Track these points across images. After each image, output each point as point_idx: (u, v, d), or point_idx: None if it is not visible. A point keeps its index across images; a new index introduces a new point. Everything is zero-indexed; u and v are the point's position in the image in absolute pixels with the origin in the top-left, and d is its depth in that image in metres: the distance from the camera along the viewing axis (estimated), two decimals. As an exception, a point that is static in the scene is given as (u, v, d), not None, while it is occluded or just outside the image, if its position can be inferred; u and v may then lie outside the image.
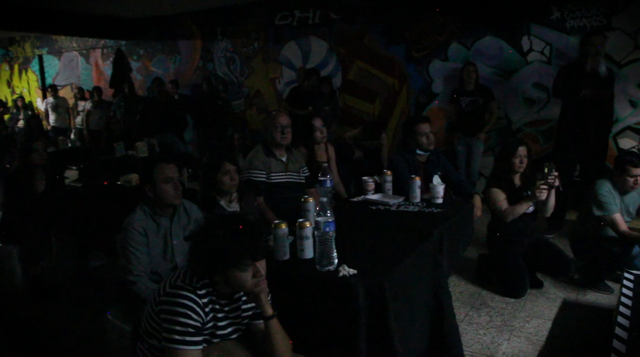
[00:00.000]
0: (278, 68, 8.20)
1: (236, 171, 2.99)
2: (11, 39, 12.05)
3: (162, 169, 2.57)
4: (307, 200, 2.77)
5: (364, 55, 7.37)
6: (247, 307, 1.95)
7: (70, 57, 11.18)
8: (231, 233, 1.75)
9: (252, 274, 1.77)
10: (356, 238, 2.63)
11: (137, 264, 2.51)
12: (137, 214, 2.60)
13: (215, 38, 8.76)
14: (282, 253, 2.29)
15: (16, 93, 12.36)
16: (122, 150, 6.61)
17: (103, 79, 10.44)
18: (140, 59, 9.90)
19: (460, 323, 3.18)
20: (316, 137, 4.10)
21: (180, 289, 1.76)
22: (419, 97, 7.02)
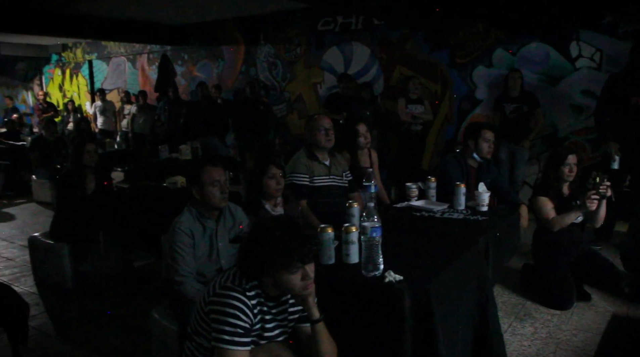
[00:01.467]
0: (320, 73, 8.25)
1: (282, 175, 3.01)
2: (64, 46, 12.53)
3: (210, 172, 2.61)
4: (352, 205, 2.77)
5: (407, 61, 7.33)
6: (294, 310, 1.97)
7: (118, 62, 11.54)
8: (282, 236, 1.77)
9: (301, 276, 1.79)
10: (401, 244, 2.61)
11: (183, 265, 2.56)
12: (184, 216, 2.65)
13: (258, 43, 8.89)
14: (328, 257, 2.30)
15: (67, 97, 12.82)
16: (166, 153, 6.76)
17: (148, 83, 10.73)
18: (185, 64, 10.12)
19: (504, 334, 3.11)
20: (360, 142, 4.09)
21: (230, 290, 1.79)
22: (462, 103, 6.93)
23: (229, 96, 9.08)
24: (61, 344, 3.41)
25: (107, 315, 3.78)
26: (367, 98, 7.15)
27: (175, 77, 9.88)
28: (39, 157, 7.47)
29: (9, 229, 6.31)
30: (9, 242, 5.73)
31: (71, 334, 3.54)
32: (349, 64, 7.89)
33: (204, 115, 7.82)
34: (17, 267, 4.89)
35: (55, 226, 4.30)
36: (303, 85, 8.49)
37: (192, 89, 9.85)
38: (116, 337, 3.44)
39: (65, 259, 4.17)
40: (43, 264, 4.42)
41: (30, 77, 13.84)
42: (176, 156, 6.63)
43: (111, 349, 3.30)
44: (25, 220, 6.74)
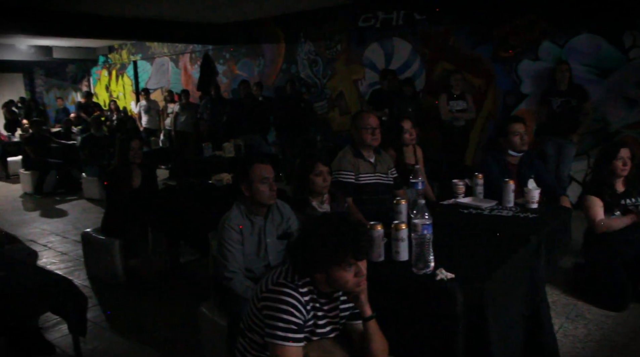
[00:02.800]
0: (361, 70, 8.21)
1: (329, 173, 3.02)
2: (110, 47, 12.90)
3: (259, 169, 2.63)
4: (400, 202, 2.75)
5: (449, 55, 7.22)
6: (346, 307, 1.96)
7: (162, 62, 11.79)
8: (335, 231, 1.76)
9: (353, 273, 1.78)
10: (450, 242, 2.58)
11: (232, 261, 2.60)
12: (233, 212, 2.68)
13: (299, 41, 8.92)
14: (377, 255, 2.29)
15: (113, 97, 13.21)
16: (210, 150, 6.87)
17: (191, 82, 10.92)
18: (226, 62, 10.26)
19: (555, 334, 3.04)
20: (405, 139, 4.05)
21: (283, 287, 1.79)
22: (506, 98, 6.78)
23: (270, 94, 9.15)
24: (114, 335, 3.52)
25: (156, 308, 3.88)
26: (409, 94, 7.08)
27: (217, 76, 10.02)
28: (88, 155, 7.71)
29: (62, 224, 6.55)
30: (63, 237, 5.94)
31: (123, 326, 3.65)
32: (390, 60, 7.83)
33: (246, 113, 7.91)
34: (71, 262, 5.07)
35: (106, 221, 4.43)
36: (344, 82, 8.47)
37: (233, 87, 9.97)
38: (166, 330, 3.53)
39: (116, 254, 4.30)
40: (95, 259, 4.57)
41: (79, 79, 14.31)
42: (219, 154, 6.73)
43: (161, 341, 3.39)
44: (77, 216, 6.98)
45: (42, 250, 5.48)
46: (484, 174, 3.59)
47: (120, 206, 4.35)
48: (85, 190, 7.99)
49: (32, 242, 5.71)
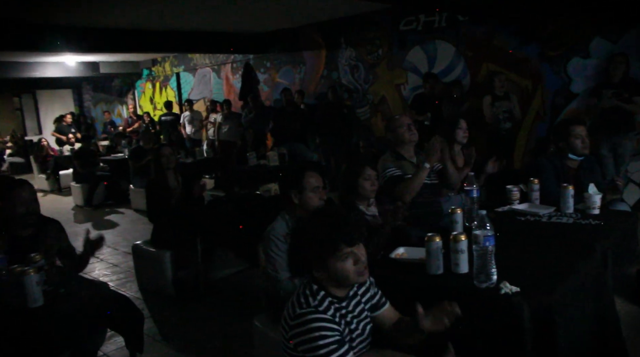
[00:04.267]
0: (403, 74, 8.11)
1: (376, 177, 2.97)
2: (154, 60, 13.22)
3: (311, 178, 2.63)
4: (455, 211, 2.67)
5: (494, 56, 7.04)
6: (367, 298, 1.95)
7: (204, 72, 11.98)
8: (322, 222, 1.76)
9: (352, 262, 1.75)
10: (509, 251, 2.46)
11: (280, 270, 2.57)
12: (278, 223, 2.67)
13: (340, 47, 8.89)
14: (436, 267, 2.21)
15: (157, 108, 13.52)
16: (255, 159, 6.90)
17: (233, 91, 11.04)
18: (267, 71, 10.33)
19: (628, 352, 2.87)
20: (457, 135, 3.93)
21: (303, 316, 1.74)
22: (556, 98, 6.55)
23: (312, 101, 9.15)
24: (166, 347, 3.54)
25: (207, 320, 3.89)
26: (457, 96, 6.95)
27: (258, 85, 10.10)
28: (137, 167, 7.86)
29: (113, 236, 6.70)
30: (113, 249, 6.07)
31: (174, 338, 3.68)
32: (433, 63, 7.70)
33: (289, 121, 7.92)
34: (122, 273, 5.17)
35: (156, 234, 4.49)
36: (386, 87, 8.38)
37: (275, 95, 10.03)
38: (219, 343, 3.53)
39: (166, 265, 4.34)
40: (146, 271, 4.64)
41: (124, 92, 14.71)
42: (264, 163, 6.75)
43: (214, 355, 3.39)
44: (126, 227, 7.13)
45: (94, 262, 5.60)
46: (538, 178, 3.45)
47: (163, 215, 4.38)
48: (133, 201, 8.16)
49: (85, 254, 5.84)
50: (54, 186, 10.45)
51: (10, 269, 2.39)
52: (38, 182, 10.68)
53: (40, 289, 2.36)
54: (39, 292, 2.35)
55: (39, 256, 2.52)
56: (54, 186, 10.45)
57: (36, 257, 2.50)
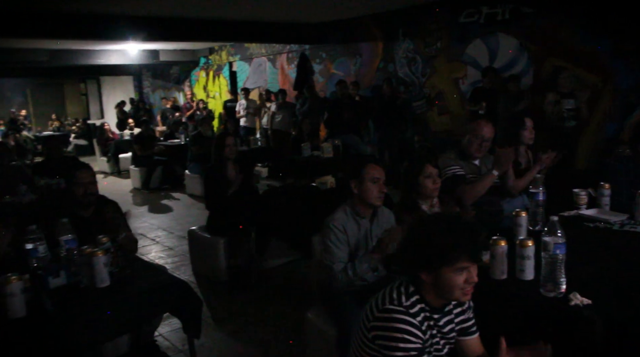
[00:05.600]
0: (462, 68, 7.91)
1: (438, 174, 2.90)
2: (211, 49, 13.44)
3: (372, 169, 2.63)
4: (519, 213, 2.58)
5: (560, 51, 6.75)
6: (460, 320, 1.85)
7: (259, 62, 12.09)
8: (451, 228, 1.66)
9: (464, 278, 1.66)
10: (577, 259, 2.35)
11: (336, 261, 2.57)
12: (338, 213, 2.67)
13: (397, 39, 8.75)
14: (500, 272, 2.14)
15: (210, 97, 13.76)
16: (309, 150, 6.91)
17: (288, 81, 11.09)
18: (323, 61, 10.30)
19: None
20: (524, 136, 3.76)
21: (391, 313, 1.68)
22: (629, 96, 6.20)
23: (367, 93, 9.07)
24: (218, 332, 3.62)
25: (258, 309, 3.93)
26: (514, 91, 6.72)
27: (313, 75, 10.09)
28: (198, 153, 8.00)
29: (168, 219, 6.89)
30: (169, 233, 6.24)
31: (226, 324, 3.74)
32: (494, 57, 7.47)
33: (344, 113, 7.89)
34: (177, 257, 5.30)
35: (212, 220, 4.57)
36: (444, 81, 8.20)
37: (330, 86, 10.00)
38: (270, 333, 3.57)
39: (220, 252, 4.42)
40: (200, 256, 4.74)
41: (182, 80, 15.04)
42: (318, 154, 6.76)
43: (265, 344, 3.43)
44: (181, 212, 7.31)
45: (150, 244, 5.78)
46: (609, 182, 3.29)
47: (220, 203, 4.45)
48: (188, 186, 8.36)
49: (142, 236, 6.04)
50: (114, 168, 10.84)
51: (81, 250, 2.49)
52: (99, 165, 11.12)
53: (107, 270, 2.45)
54: (106, 273, 2.44)
55: (106, 238, 2.61)
56: (114, 168, 10.84)
57: (103, 240, 2.60)
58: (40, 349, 2.11)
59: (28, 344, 2.09)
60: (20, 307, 2.19)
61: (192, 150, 8.12)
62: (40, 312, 2.22)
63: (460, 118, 7.83)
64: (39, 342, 2.11)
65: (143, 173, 8.90)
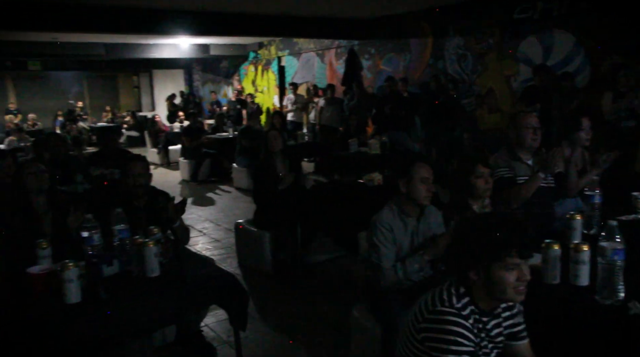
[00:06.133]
0: (514, 65, 7.71)
1: (490, 174, 2.84)
2: (260, 44, 13.58)
3: (421, 168, 2.61)
4: (574, 216, 2.50)
5: (620, 48, 6.47)
6: (509, 324, 1.79)
7: (308, 57, 12.12)
8: (499, 223, 1.62)
9: (516, 276, 1.61)
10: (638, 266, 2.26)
11: (383, 259, 2.56)
12: (385, 212, 2.66)
13: (447, 35, 8.61)
14: (553, 276, 2.08)
15: (259, 91, 13.92)
16: (356, 146, 6.89)
17: (336, 77, 11.08)
18: (372, 57, 10.24)
19: None
20: (580, 138, 3.59)
21: (442, 314, 1.65)
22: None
23: (416, 90, 8.96)
24: (262, 325, 3.66)
25: (302, 303, 3.96)
26: (567, 89, 6.49)
27: (362, 71, 10.05)
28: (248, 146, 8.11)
29: (215, 212, 7.01)
30: (216, 225, 6.35)
31: (272, 318, 3.78)
32: (549, 54, 7.24)
33: (391, 110, 7.83)
34: (223, 249, 5.39)
35: (259, 214, 4.62)
36: (494, 78, 8.01)
37: (378, 82, 9.93)
38: (313, 328, 3.58)
39: (266, 245, 4.47)
40: (246, 249, 4.81)
41: (231, 74, 15.28)
42: (365, 150, 6.73)
43: (309, 339, 3.45)
44: (228, 204, 7.44)
45: (197, 235, 5.90)
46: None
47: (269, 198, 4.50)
48: (236, 180, 8.48)
49: (190, 227, 6.15)
50: (164, 160, 11.12)
51: (133, 240, 2.56)
52: (150, 156, 11.42)
53: (157, 261, 2.52)
54: (156, 263, 2.51)
55: (157, 229, 2.69)
56: (164, 160, 11.12)
57: (154, 230, 2.67)
58: (93, 335, 2.19)
59: (83, 329, 2.17)
60: (76, 293, 2.28)
61: (241, 144, 8.21)
62: (94, 298, 2.30)
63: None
64: (93, 328, 2.19)
65: (191, 165, 9.09)
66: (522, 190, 3.09)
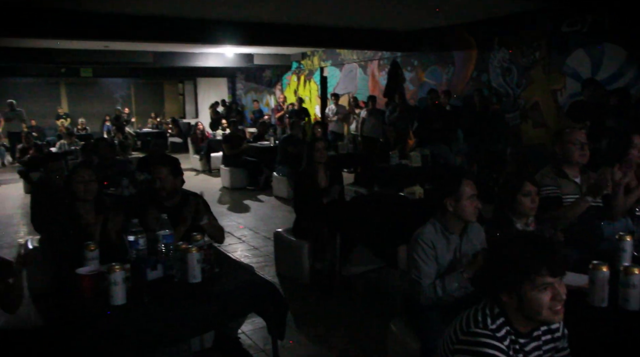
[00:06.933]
0: (561, 79, 7.54)
1: (537, 193, 2.78)
2: (303, 54, 13.73)
3: (468, 186, 2.58)
4: (624, 237, 2.42)
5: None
6: (548, 349, 1.74)
7: (350, 68, 12.17)
8: (528, 243, 1.59)
9: (550, 296, 1.56)
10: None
11: (423, 276, 2.54)
12: (427, 228, 2.64)
13: (492, 48, 8.50)
14: (600, 299, 2.02)
15: (302, 101, 14.05)
16: (397, 158, 6.86)
17: (378, 88, 11.07)
18: (414, 69, 10.20)
19: None
20: (632, 156, 3.46)
21: (476, 336, 1.61)
22: None
23: (458, 103, 8.87)
24: (299, 334, 3.66)
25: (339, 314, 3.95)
26: (615, 105, 6.29)
27: (404, 83, 10.01)
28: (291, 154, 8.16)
29: (254, 220, 7.08)
30: (255, 232, 6.42)
31: (306, 327, 3.78)
32: (598, 68, 7.05)
33: (433, 122, 7.77)
34: (262, 257, 5.44)
35: (298, 223, 4.65)
36: (540, 92, 7.85)
37: (420, 94, 9.88)
38: (349, 341, 3.57)
39: (304, 255, 4.49)
40: (284, 258, 4.83)
41: (273, 83, 15.48)
42: (406, 163, 6.69)
43: (343, 349, 3.44)
44: (267, 213, 7.50)
45: (236, 243, 5.98)
46: None
47: (310, 208, 4.52)
48: (275, 188, 8.55)
49: (229, 234, 6.25)
50: (206, 166, 11.32)
51: (177, 246, 2.62)
52: (192, 162, 11.67)
53: (199, 267, 2.56)
54: (198, 269, 2.56)
55: (200, 236, 2.74)
56: (206, 166, 11.32)
57: (197, 237, 2.73)
58: (136, 337, 2.24)
59: (127, 330, 2.23)
60: (122, 295, 2.34)
61: (285, 151, 8.26)
62: (138, 302, 2.36)
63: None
64: (137, 330, 2.25)
65: (232, 172, 9.22)
66: (568, 213, 3.02)
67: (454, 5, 7.38)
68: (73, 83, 16.80)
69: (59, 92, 16.80)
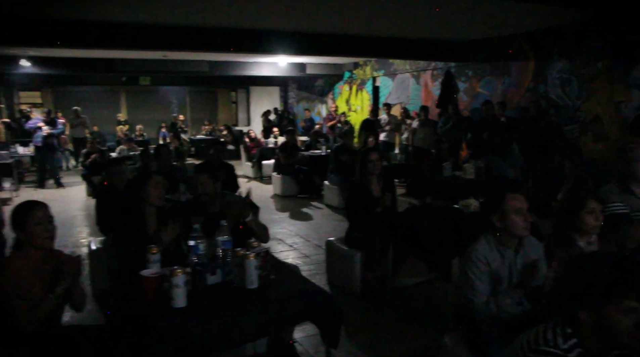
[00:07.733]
0: (626, 91, 7.25)
1: (601, 211, 2.70)
2: (356, 64, 13.80)
3: (512, 200, 2.54)
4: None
5: None
6: None
7: (403, 78, 12.13)
8: (617, 262, 1.51)
9: (634, 322, 1.47)
10: None
11: (477, 294, 2.51)
12: (480, 244, 2.60)
13: (551, 58, 8.27)
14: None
15: (352, 110, 14.08)
16: (450, 170, 6.77)
17: (430, 98, 10.98)
18: (468, 80, 10.06)
19: None
20: None
21: (547, 355, 1.56)
22: None
23: (514, 114, 8.67)
24: (349, 345, 3.66)
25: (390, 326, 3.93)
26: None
27: (458, 94, 9.88)
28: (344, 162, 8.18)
29: (305, 228, 7.14)
30: (306, 240, 6.47)
31: (358, 337, 3.78)
32: (666, 80, 6.75)
33: (488, 134, 7.63)
34: (313, 265, 5.48)
35: (351, 233, 4.66)
36: (602, 105, 7.57)
37: (474, 105, 9.72)
38: (399, 351, 3.55)
39: (356, 265, 4.49)
40: (336, 267, 4.85)
41: (325, 92, 15.60)
42: (459, 174, 6.60)
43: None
44: (318, 221, 7.55)
45: (288, 250, 6.04)
46: None
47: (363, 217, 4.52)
48: (327, 197, 8.59)
49: (280, 242, 6.34)
50: (257, 173, 11.50)
51: (235, 252, 2.69)
52: (244, 169, 11.88)
53: (257, 273, 2.62)
54: (255, 275, 2.62)
55: (257, 242, 2.80)
56: (257, 173, 11.50)
57: (254, 243, 2.79)
58: (194, 340, 2.31)
59: (187, 333, 2.30)
60: (183, 298, 2.43)
61: (338, 160, 8.29)
62: (198, 305, 2.44)
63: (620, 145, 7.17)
64: (196, 333, 2.32)
65: (284, 180, 9.34)
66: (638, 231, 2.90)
67: (512, 15, 7.24)
68: (132, 91, 17.48)
69: (119, 100, 17.51)
